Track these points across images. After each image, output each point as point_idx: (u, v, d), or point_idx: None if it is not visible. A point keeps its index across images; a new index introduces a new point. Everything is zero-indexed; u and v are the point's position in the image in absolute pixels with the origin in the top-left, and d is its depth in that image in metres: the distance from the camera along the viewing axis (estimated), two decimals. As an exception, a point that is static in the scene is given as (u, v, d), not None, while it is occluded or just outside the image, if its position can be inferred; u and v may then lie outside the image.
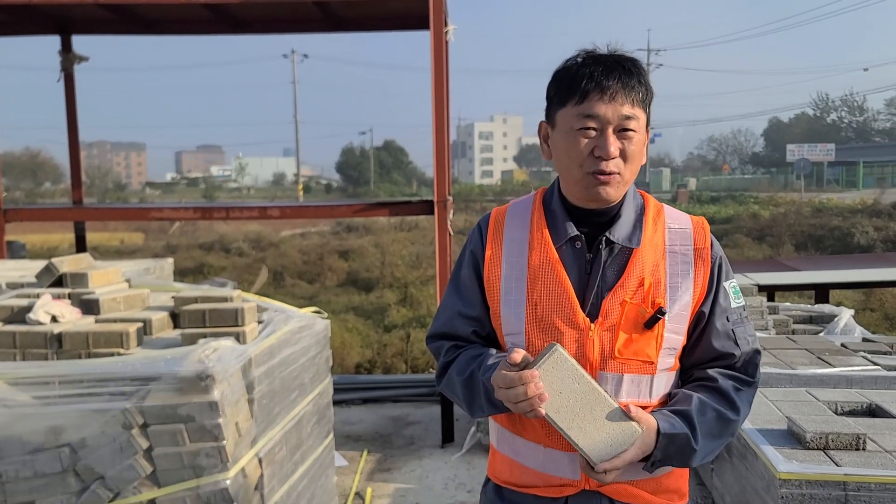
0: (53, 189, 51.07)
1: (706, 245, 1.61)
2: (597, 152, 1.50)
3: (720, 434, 1.57)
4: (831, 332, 5.70)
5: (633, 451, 1.45)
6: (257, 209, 5.98)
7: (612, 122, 1.49)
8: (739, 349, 1.61)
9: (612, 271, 1.56)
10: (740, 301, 1.65)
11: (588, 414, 1.44)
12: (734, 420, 1.57)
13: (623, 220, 1.58)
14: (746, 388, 1.62)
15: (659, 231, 1.61)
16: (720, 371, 1.60)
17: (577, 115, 1.50)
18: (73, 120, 6.92)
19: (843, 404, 3.70)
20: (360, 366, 10.32)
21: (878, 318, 12.08)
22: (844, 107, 66.09)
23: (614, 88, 1.48)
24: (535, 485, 1.61)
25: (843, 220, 23.47)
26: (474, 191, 46.74)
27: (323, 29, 6.75)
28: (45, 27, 6.69)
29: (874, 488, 2.78)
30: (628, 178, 1.55)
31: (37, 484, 2.68)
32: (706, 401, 1.55)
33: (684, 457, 1.52)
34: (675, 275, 1.57)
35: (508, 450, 1.65)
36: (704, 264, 1.59)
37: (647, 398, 1.56)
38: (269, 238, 24.66)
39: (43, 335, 3.00)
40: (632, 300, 1.53)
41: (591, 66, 1.51)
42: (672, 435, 1.49)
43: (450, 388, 1.68)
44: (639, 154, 1.54)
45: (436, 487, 4.77)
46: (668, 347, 1.56)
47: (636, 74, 1.52)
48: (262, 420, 3.12)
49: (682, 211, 1.71)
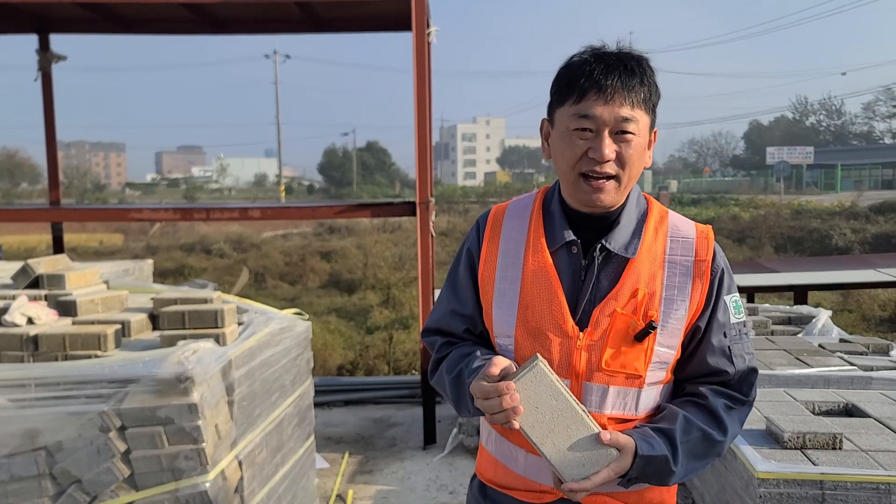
0: (31, 189, 50.48)
1: (708, 257, 1.53)
2: (591, 153, 1.45)
3: (705, 454, 1.51)
4: (809, 332, 5.76)
5: (605, 472, 1.41)
6: (238, 210, 5.94)
7: (609, 124, 1.43)
8: (734, 367, 1.54)
9: (607, 280, 1.51)
10: (741, 317, 1.57)
11: (563, 431, 1.40)
12: (721, 441, 1.51)
13: (622, 226, 1.52)
14: (739, 406, 1.55)
15: (660, 239, 1.54)
16: (713, 388, 1.54)
17: (573, 114, 1.45)
18: (51, 120, 6.84)
19: (820, 404, 3.74)
20: (342, 367, 10.29)
21: (856, 318, 12.24)
22: (823, 110, 66.93)
23: (613, 88, 1.42)
24: (517, 487, 1.59)
25: (822, 222, 23.75)
26: (457, 192, 46.74)
27: (305, 30, 6.72)
28: (22, 26, 6.61)
29: (850, 487, 2.81)
30: (626, 183, 1.48)
31: (13, 488, 2.64)
32: (692, 420, 1.49)
33: (662, 477, 1.47)
34: (672, 287, 1.51)
35: (494, 450, 1.64)
36: (704, 277, 1.52)
37: (632, 411, 1.52)
38: (251, 239, 24.51)
39: (19, 337, 2.96)
40: (623, 311, 1.48)
41: (592, 63, 1.44)
42: (650, 457, 1.43)
43: (440, 385, 1.68)
44: (638, 158, 1.47)
45: (418, 489, 4.77)
46: (658, 361, 1.50)
47: (639, 74, 1.45)
48: (243, 422, 3.10)
49: (688, 218, 1.64)
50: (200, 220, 5.98)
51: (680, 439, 1.46)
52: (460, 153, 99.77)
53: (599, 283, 1.51)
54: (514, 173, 77.77)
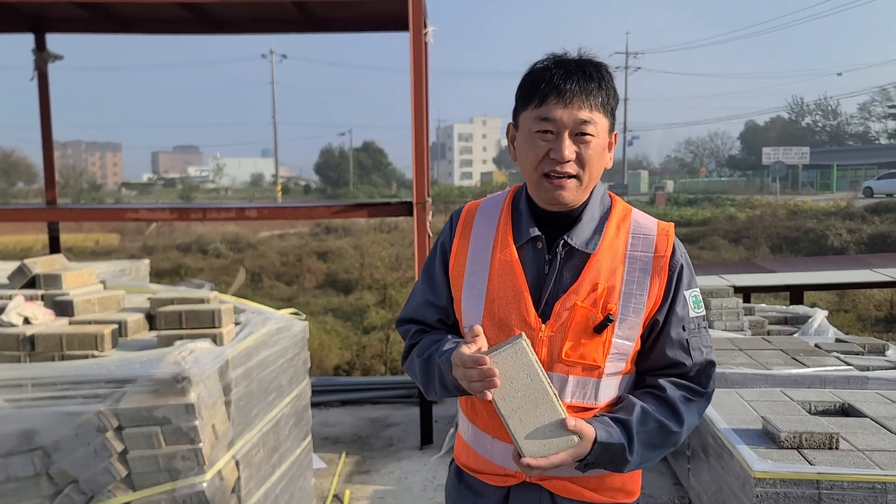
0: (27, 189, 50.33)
1: (667, 253, 1.60)
2: (552, 154, 1.52)
3: (661, 444, 1.57)
4: (805, 332, 5.78)
5: (563, 456, 1.47)
6: (235, 210, 5.93)
7: (569, 126, 1.51)
8: (692, 359, 1.61)
9: (569, 274, 1.58)
10: (700, 311, 1.64)
11: (532, 410, 1.46)
12: (676, 432, 1.57)
13: (584, 223, 1.59)
14: (697, 398, 1.61)
15: (622, 236, 1.60)
16: (672, 380, 1.60)
17: (535, 117, 1.53)
18: (47, 119, 6.82)
19: (816, 404, 3.75)
20: (338, 367, 10.28)
21: (852, 318, 12.26)
22: (819, 111, 67.05)
23: (572, 92, 1.50)
24: (486, 472, 1.68)
25: (818, 222, 23.79)
26: (454, 192, 46.71)
27: (302, 29, 6.71)
28: (18, 25, 6.59)
29: (847, 486, 2.82)
30: (587, 182, 1.56)
31: (9, 488, 2.64)
32: (650, 411, 1.55)
33: (617, 464, 1.53)
34: (632, 281, 1.57)
35: (466, 435, 1.74)
36: (662, 273, 1.58)
37: (592, 400, 1.58)
38: (247, 239, 24.48)
39: (15, 337, 2.96)
40: (583, 304, 1.54)
41: (552, 70, 1.53)
42: (608, 444, 1.50)
43: (411, 369, 1.75)
44: (597, 158, 1.55)
45: (415, 489, 4.76)
46: (616, 353, 1.56)
47: (596, 79, 1.52)
48: (240, 422, 3.09)
49: (650, 216, 1.70)
50: (197, 220, 5.97)
51: (636, 430, 1.52)
52: (457, 153, 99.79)
53: (562, 277, 1.58)
54: (510, 173, 77.74)
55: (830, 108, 66.06)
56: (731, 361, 4.52)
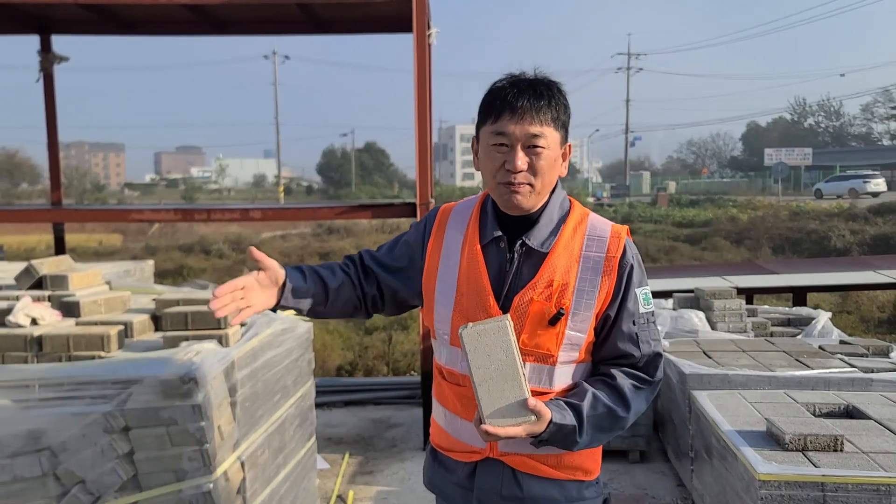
0: (31, 190, 50.41)
1: (617, 254, 1.75)
2: (507, 165, 1.69)
3: (610, 428, 1.74)
4: (809, 334, 5.78)
5: (519, 429, 1.60)
6: (239, 211, 5.94)
7: (521, 139, 1.67)
8: (640, 351, 1.77)
9: (528, 271, 1.74)
10: (649, 307, 1.80)
11: (501, 384, 1.60)
12: (623, 417, 1.73)
13: (541, 225, 1.76)
14: (646, 386, 1.78)
15: (577, 237, 1.76)
16: (622, 370, 1.77)
17: (492, 132, 1.70)
18: (53, 120, 6.83)
19: (821, 406, 3.75)
20: (341, 368, 10.28)
21: (855, 320, 12.24)
22: (821, 112, 67.01)
23: (523, 109, 1.66)
24: (454, 449, 1.86)
25: (820, 223, 23.77)
26: (455, 193, 46.72)
27: (305, 31, 6.72)
28: (24, 26, 6.61)
29: (851, 489, 2.82)
30: (540, 189, 1.72)
31: (16, 488, 2.64)
32: (600, 397, 1.71)
33: (568, 443, 1.69)
34: (585, 279, 1.73)
35: (439, 419, 1.91)
36: (612, 272, 1.74)
37: (547, 385, 1.74)
38: (250, 240, 24.51)
39: (23, 338, 2.97)
40: (538, 298, 1.70)
41: (507, 89, 1.69)
42: (561, 425, 1.64)
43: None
44: (549, 168, 1.71)
45: (418, 490, 4.77)
46: (568, 343, 1.72)
47: (546, 97, 1.69)
48: (245, 423, 3.10)
49: (607, 219, 1.84)
50: (201, 221, 5.99)
51: (587, 414, 1.68)
52: (459, 154, 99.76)
53: (521, 273, 1.74)
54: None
55: (833, 109, 66.02)
56: (734, 363, 4.52)
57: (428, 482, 1.98)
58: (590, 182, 57.16)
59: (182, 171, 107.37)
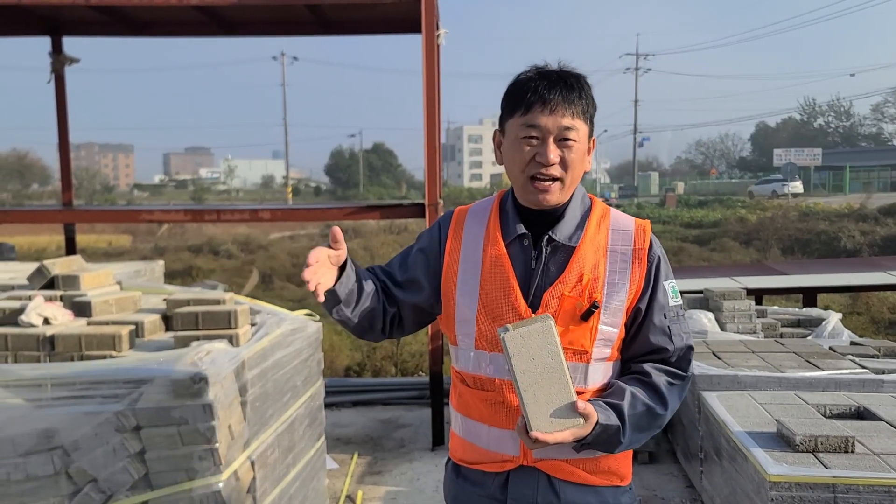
0: (41, 191, 50.73)
1: (645, 245, 1.72)
2: (538, 158, 1.65)
3: (648, 427, 1.69)
4: (819, 335, 5.75)
5: (567, 434, 1.56)
6: (248, 211, 5.97)
7: (553, 132, 1.64)
8: (673, 344, 1.73)
9: (555, 267, 1.70)
10: (678, 300, 1.76)
11: (547, 387, 1.54)
12: (662, 415, 1.69)
13: (566, 220, 1.72)
14: (679, 382, 1.73)
15: (602, 232, 1.73)
16: (655, 366, 1.72)
17: (521, 124, 1.66)
18: (64, 122, 6.88)
19: (831, 407, 3.74)
20: (349, 369, 10.30)
21: (865, 321, 12.17)
22: (831, 112, 66.63)
23: (555, 101, 1.63)
24: (482, 461, 1.77)
25: (830, 224, 23.65)
26: (463, 193, 46.78)
27: (314, 32, 6.75)
28: (35, 28, 6.65)
29: (863, 490, 2.81)
30: (569, 184, 1.69)
31: (29, 487, 2.66)
32: (638, 395, 1.67)
33: (610, 445, 1.65)
34: (614, 272, 1.70)
35: (460, 430, 1.83)
36: (642, 263, 1.71)
37: (581, 384, 1.68)
38: (258, 240, 24.59)
39: (35, 337, 2.99)
40: (570, 294, 1.66)
41: (536, 80, 1.66)
42: (606, 426, 1.60)
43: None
44: (579, 161, 1.68)
45: (427, 490, 4.78)
46: (602, 339, 1.68)
47: (577, 89, 1.65)
48: (255, 422, 3.11)
49: (628, 214, 1.82)
50: (211, 222, 6.01)
51: (628, 413, 1.64)
52: (466, 154, 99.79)
53: (548, 269, 1.70)
54: (519, 175, 77.55)
55: (843, 109, 65.65)
56: (744, 364, 4.51)
57: (452, 500, 1.87)
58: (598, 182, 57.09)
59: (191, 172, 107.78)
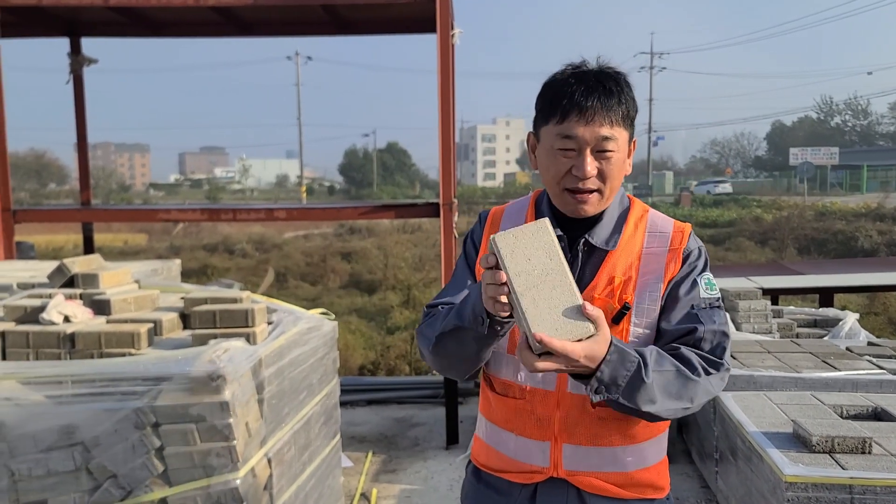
0: (58, 190, 51.23)
1: (681, 245, 1.65)
2: (574, 171, 1.56)
3: (678, 393, 1.50)
4: (836, 335, 5.71)
5: (578, 346, 1.37)
6: (264, 211, 6.01)
7: (591, 143, 1.54)
8: (703, 326, 1.57)
9: (590, 270, 1.64)
10: (714, 293, 1.63)
11: (547, 291, 1.37)
12: (694, 380, 1.51)
13: (603, 223, 1.65)
14: (713, 369, 1.56)
15: (639, 233, 1.67)
16: (686, 347, 1.57)
17: (557, 134, 1.56)
18: (82, 122, 6.96)
19: (848, 408, 3.72)
20: (363, 367, 10.34)
21: (883, 322, 12.06)
22: (848, 110, 66.02)
23: (593, 110, 1.52)
24: (508, 470, 1.70)
25: (847, 223, 23.45)
26: (477, 193, 46.76)
27: (329, 32, 6.79)
28: (54, 29, 6.73)
29: (880, 491, 2.80)
30: (608, 194, 1.61)
31: (50, 482, 2.71)
32: (665, 355, 1.52)
33: (633, 389, 1.44)
34: (648, 273, 1.63)
35: (486, 436, 1.76)
36: (676, 262, 1.64)
37: None
38: (273, 240, 24.71)
39: (56, 335, 3.03)
40: (600, 296, 1.60)
41: (573, 84, 1.54)
42: (623, 352, 1.43)
43: (431, 324, 1.69)
44: (618, 171, 1.59)
45: (441, 489, 4.79)
46: (634, 340, 1.60)
47: (616, 94, 1.54)
48: (272, 420, 3.14)
49: (668, 216, 1.74)
50: (227, 221, 6.06)
51: (652, 366, 1.47)
52: (480, 154, 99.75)
53: (583, 274, 1.63)
54: (533, 174, 77.56)
55: (860, 108, 65.03)
56: (759, 364, 4.49)
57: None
58: (612, 182, 56.56)
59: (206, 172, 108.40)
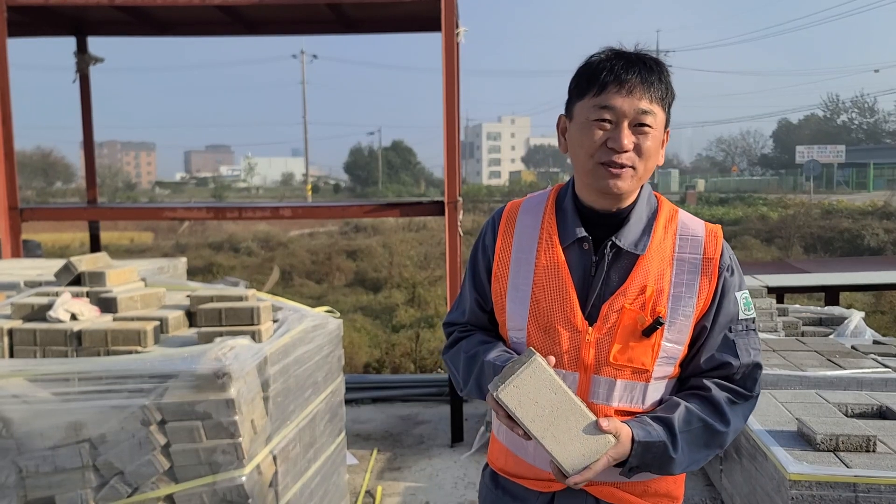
0: (65, 188, 51.39)
1: (716, 255, 1.57)
2: (610, 143, 1.49)
3: (707, 445, 1.54)
4: (841, 334, 5.70)
5: (604, 459, 1.44)
6: (269, 209, 6.02)
7: (629, 116, 1.48)
8: (739, 360, 1.56)
9: (617, 276, 1.55)
10: (750, 313, 1.60)
11: (563, 424, 1.43)
12: (722, 432, 1.54)
13: (632, 224, 1.56)
14: (742, 401, 1.57)
15: (669, 237, 1.58)
16: (716, 381, 1.57)
17: (593, 106, 1.50)
18: (89, 121, 6.98)
19: (853, 406, 3.71)
20: (368, 365, 10.36)
21: (889, 320, 12.03)
22: (855, 108, 65.70)
23: (633, 82, 1.48)
24: (527, 476, 1.64)
25: (853, 222, 23.37)
26: (482, 191, 46.70)
27: (335, 30, 6.79)
28: (60, 28, 6.75)
29: (884, 490, 2.80)
30: (642, 175, 1.53)
31: (57, 479, 2.72)
32: (693, 410, 1.52)
33: (663, 464, 1.50)
34: (681, 284, 1.54)
35: (505, 440, 1.69)
36: (712, 275, 1.56)
37: (639, 404, 1.55)
38: (278, 238, 24.75)
39: (63, 333, 3.05)
40: (631, 307, 1.51)
41: (612, 60, 1.51)
42: (647, 443, 1.46)
43: (453, 361, 1.73)
44: (654, 151, 1.52)
45: (446, 486, 4.81)
46: (665, 356, 1.54)
47: (657, 72, 1.51)
48: (277, 418, 3.15)
49: (695, 216, 1.68)
50: (233, 219, 6.07)
51: (680, 428, 1.49)
52: (485, 152, 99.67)
53: (609, 278, 1.55)
54: (539, 172, 77.54)
55: (867, 106, 64.72)
56: (764, 362, 4.48)
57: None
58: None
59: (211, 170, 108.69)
